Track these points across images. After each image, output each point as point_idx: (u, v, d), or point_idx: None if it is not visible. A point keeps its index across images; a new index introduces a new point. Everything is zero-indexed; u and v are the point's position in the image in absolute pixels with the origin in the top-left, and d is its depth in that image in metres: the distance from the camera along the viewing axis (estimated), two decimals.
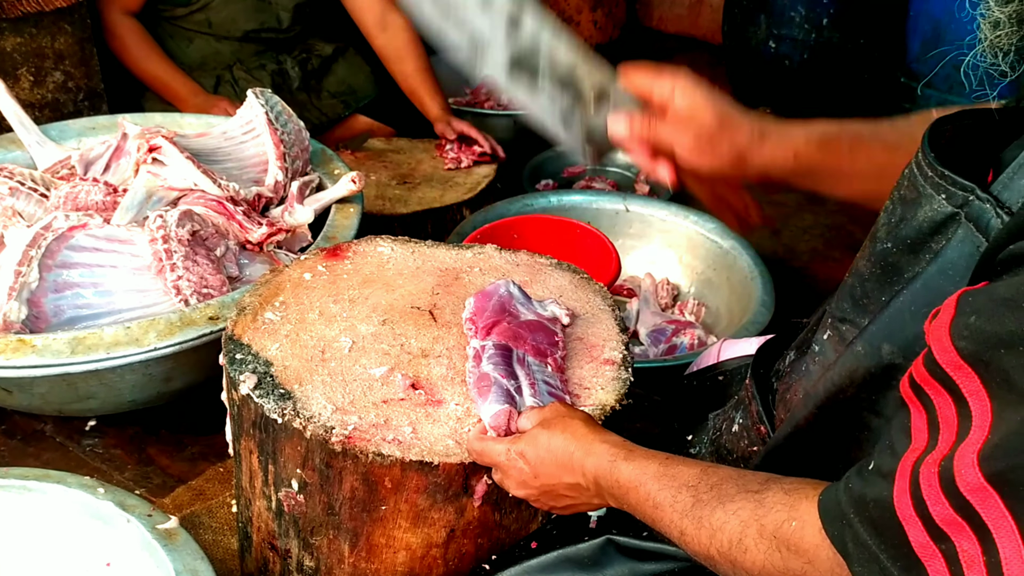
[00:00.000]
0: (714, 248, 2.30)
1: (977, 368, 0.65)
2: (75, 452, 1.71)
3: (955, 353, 0.66)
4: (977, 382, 0.65)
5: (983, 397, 0.64)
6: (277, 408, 1.12)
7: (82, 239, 1.61)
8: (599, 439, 1.01)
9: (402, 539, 1.13)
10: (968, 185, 0.82)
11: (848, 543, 0.72)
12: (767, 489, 0.83)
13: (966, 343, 0.66)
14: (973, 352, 0.65)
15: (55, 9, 2.32)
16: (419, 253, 1.47)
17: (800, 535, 0.77)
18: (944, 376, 0.67)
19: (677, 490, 0.90)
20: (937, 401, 0.68)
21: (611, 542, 1.07)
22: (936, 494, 0.65)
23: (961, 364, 0.66)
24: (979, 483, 0.62)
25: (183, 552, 1.17)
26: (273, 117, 1.91)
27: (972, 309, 0.67)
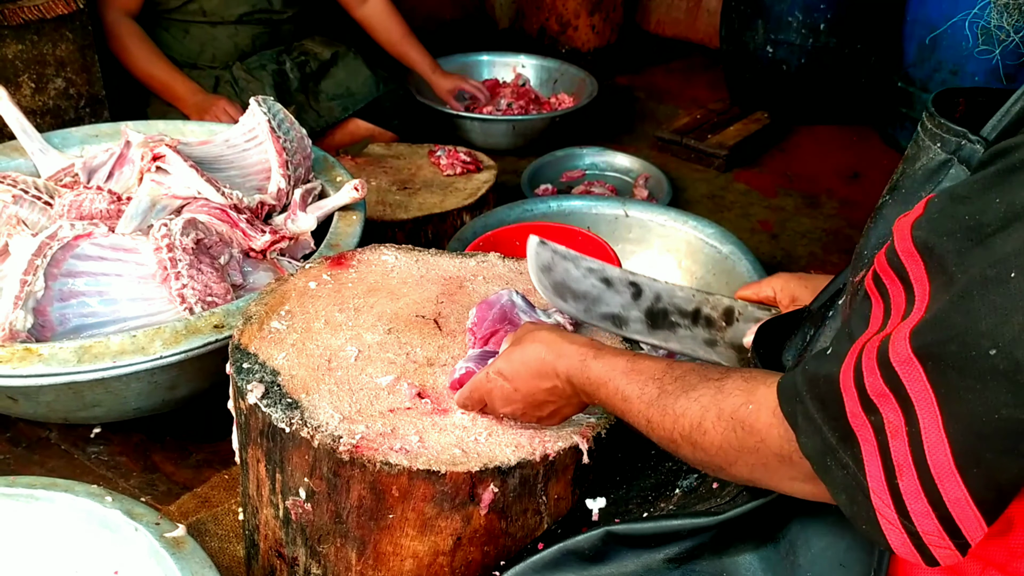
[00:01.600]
0: (713, 253, 2.31)
1: (923, 254, 0.70)
2: (80, 460, 1.72)
3: (910, 242, 0.72)
4: (921, 268, 0.70)
5: (924, 281, 0.70)
6: (285, 417, 1.13)
7: (87, 248, 1.62)
8: (567, 341, 1.06)
9: (409, 547, 1.14)
10: (960, 130, 0.87)
11: (798, 416, 0.78)
12: (727, 377, 0.89)
13: (920, 232, 0.71)
14: (923, 241, 0.71)
15: (56, 16, 2.33)
16: (423, 261, 1.48)
17: (756, 416, 0.83)
18: (898, 264, 0.73)
19: (644, 383, 0.96)
20: (891, 290, 0.74)
21: (610, 533, 1.08)
22: (872, 366, 0.70)
23: (912, 252, 0.71)
24: (907, 355, 0.67)
25: (191, 560, 1.18)
26: (275, 125, 1.92)
27: (935, 207, 0.72)
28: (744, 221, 2.96)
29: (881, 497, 0.71)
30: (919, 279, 0.70)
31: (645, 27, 4.75)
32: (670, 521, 1.04)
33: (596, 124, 3.51)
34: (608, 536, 1.08)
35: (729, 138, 3.34)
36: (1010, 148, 0.69)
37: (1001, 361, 0.63)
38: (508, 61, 3.71)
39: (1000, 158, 0.69)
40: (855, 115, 3.64)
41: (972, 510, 0.67)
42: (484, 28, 4.49)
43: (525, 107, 3.40)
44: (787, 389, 0.80)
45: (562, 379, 1.05)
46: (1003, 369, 0.63)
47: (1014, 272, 0.63)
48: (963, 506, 0.67)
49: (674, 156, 3.36)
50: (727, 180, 3.23)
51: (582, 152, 3.15)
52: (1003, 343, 0.63)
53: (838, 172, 3.33)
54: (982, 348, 0.64)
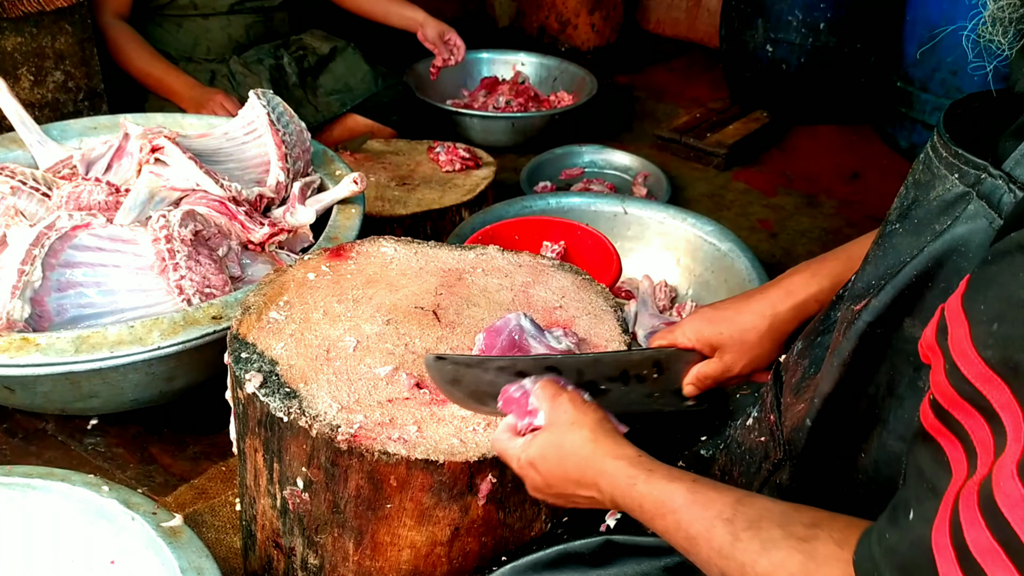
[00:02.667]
0: (712, 250, 2.31)
1: (1006, 376, 0.61)
2: (77, 451, 1.72)
3: (983, 364, 0.62)
4: (1007, 392, 0.61)
5: (1015, 407, 0.60)
6: (283, 407, 1.12)
7: (85, 239, 1.61)
8: (611, 455, 0.96)
9: (407, 537, 1.14)
10: (980, 163, 0.81)
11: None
12: (816, 539, 0.76)
13: (992, 352, 0.62)
14: (1001, 359, 0.61)
15: (56, 9, 2.33)
16: (422, 254, 1.48)
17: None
18: (973, 392, 0.63)
19: (711, 523, 0.84)
20: (968, 424, 0.64)
21: (610, 542, 1.08)
22: (974, 515, 0.59)
23: (990, 375, 0.62)
24: (1020, 495, 0.57)
25: (188, 550, 1.18)
26: (275, 118, 1.92)
27: (991, 316, 0.63)
28: (743, 220, 2.96)
29: None
30: (1006, 406, 0.60)
31: (645, 26, 4.75)
32: None
33: (595, 122, 3.51)
34: (608, 544, 1.07)
35: (728, 137, 3.34)
36: None
37: None
38: (508, 59, 3.71)
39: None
40: (855, 115, 3.64)
41: None
42: (484, 26, 4.50)
43: (524, 105, 3.40)
44: (864, 563, 0.70)
45: (605, 495, 0.96)
46: None
47: None
48: None
49: (673, 155, 3.36)
50: (726, 179, 3.23)
51: (581, 150, 3.15)
52: None
53: (837, 172, 3.33)
54: None
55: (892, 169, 3.32)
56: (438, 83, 3.51)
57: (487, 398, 1.11)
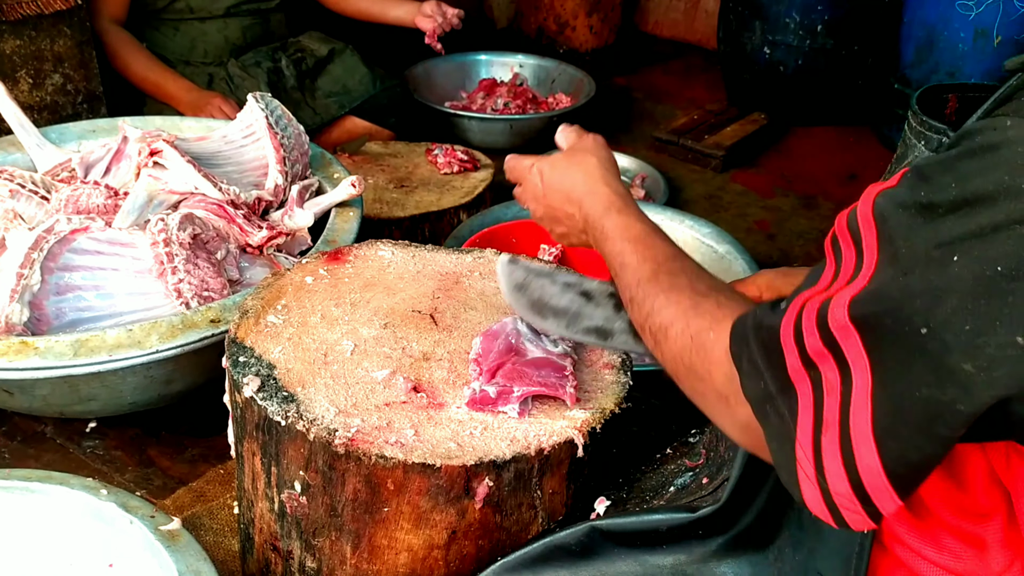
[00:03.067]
0: (709, 252, 2.32)
1: (879, 223, 0.71)
2: (76, 454, 1.72)
3: (871, 208, 0.72)
4: (874, 236, 0.70)
5: (874, 250, 0.70)
6: (280, 411, 1.13)
7: (84, 242, 1.62)
8: (604, 182, 1.11)
9: (404, 540, 1.15)
10: (941, 127, 0.88)
11: (744, 360, 0.79)
12: (707, 297, 0.91)
13: (882, 201, 0.72)
14: (881, 210, 0.71)
15: (54, 12, 2.33)
16: (419, 257, 1.48)
17: (713, 345, 0.85)
18: (856, 228, 0.73)
19: (643, 259, 0.99)
20: (845, 252, 0.74)
21: (594, 529, 1.08)
22: (811, 327, 0.71)
23: (870, 219, 0.71)
24: (844, 322, 0.68)
25: (186, 553, 1.18)
26: (273, 121, 1.92)
27: (904, 180, 0.72)
28: (741, 221, 2.96)
29: (804, 449, 0.72)
30: (870, 247, 0.71)
31: (643, 28, 4.76)
32: (651, 516, 1.05)
33: (594, 124, 3.47)
34: (592, 531, 1.08)
35: (726, 139, 3.35)
36: (973, 131, 0.69)
37: (930, 341, 0.64)
38: (506, 61, 3.71)
39: (963, 140, 0.69)
40: (852, 116, 3.65)
41: (883, 481, 0.67)
42: (482, 28, 4.50)
43: (523, 107, 3.40)
44: (737, 330, 0.82)
45: (581, 214, 1.10)
46: (930, 349, 0.64)
47: (956, 256, 0.64)
48: (875, 475, 0.68)
49: (671, 156, 3.37)
50: (724, 180, 3.24)
51: None
52: (934, 323, 0.63)
53: (835, 173, 3.33)
54: (914, 325, 0.64)
55: None
56: (436, 85, 3.52)
57: (547, 311, 1.18)
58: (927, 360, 0.64)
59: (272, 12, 2.86)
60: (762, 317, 0.79)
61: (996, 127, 0.67)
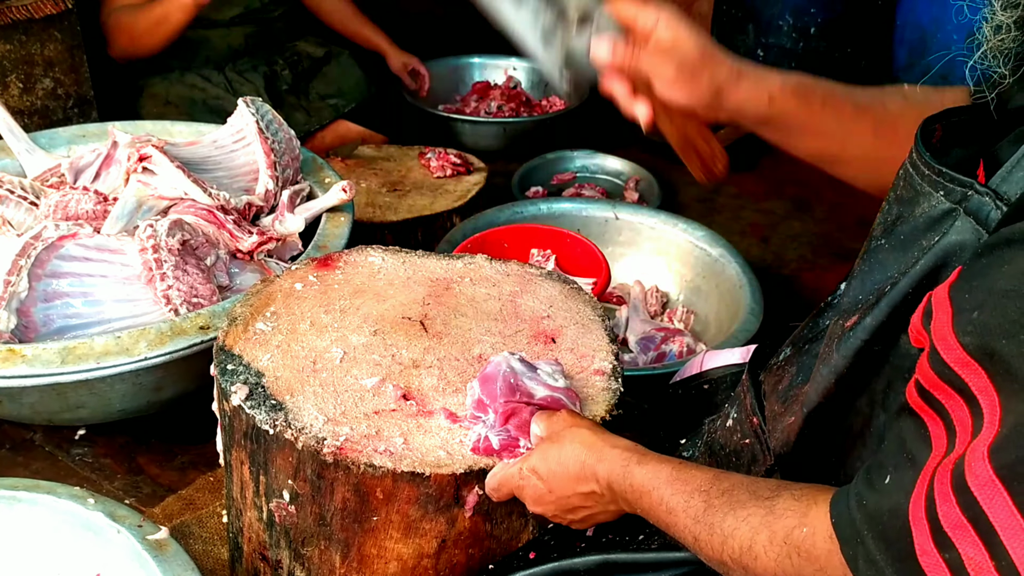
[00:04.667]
0: (703, 256, 2.31)
1: (983, 363, 0.64)
2: (64, 461, 1.71)
3: (961, 350, 0.66)
4: (984, 378, 0.64)
5: (991, 392, 0.63)
6: (268, 419, 1.12)
7: (72, 248, 1.61)
8: (609, 445, 1.01)
9: (393, 550, 1.14)
10: (966, 180, 0.83)
11: (860, 560, 0.71)
12: (778, 496, 0.83)
13: (971, 338, 0.65)
14: (978, 346, 0.64)
15: (45, 16, 2.32)
16: (410, 263, 1.47)
17: (812, 541, 0.77)
18: (953, 376, 0.66)
19: (689, 495, 0.90)
20: (949, 405, 0.67)
21: (608, 562, 1.07)
22: (946, 491, 0.63)
23: (968, 361, 0.65)
24: (988, 477, 0.60)
25: (174, 563, 1.17)
26: (264, 126, 1.91)
27: (973, 305, 0.66)
28: (734, 224, 2.96)
29: None
30: (983, 390, 0.64)
31: None
32: (671, 553, 1.03)
33: (587, 127, 3.50)
34: (605, 564, 1.07)
35: (719, 142, 3.34)
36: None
37: None
38: (500, 63, 3.70)
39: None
40: None
41: None
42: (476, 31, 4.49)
43: (516, 110, 3.40)
44: (844, 527, 0.74)
45: (602, 484, 1.00)
46: None
47: None
48: None
49: (665, 160, 3.36)
50: (717, 184, 3.23)
51: (573, 155, 3.15)
52: None
53: (828, 177, 3.30)
54: None
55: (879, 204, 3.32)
56: (430, 88, 3.50)
57: None
58: None
59: (275, 21, 2.85)
60: (877, 504, 0.71)
61: None
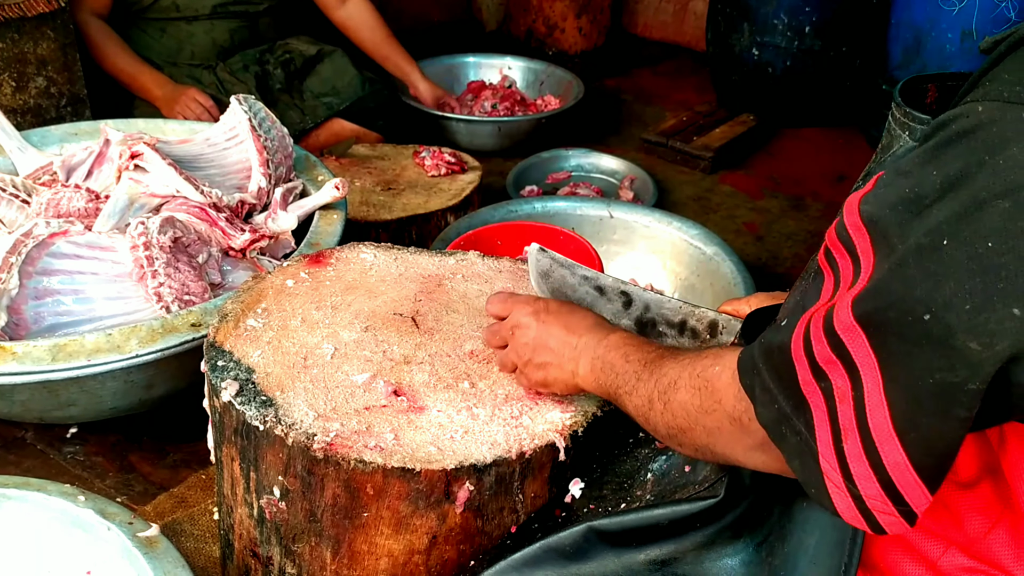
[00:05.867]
0: (697, 254, 2.31)
1: (869, 227, 0.72)
2: (56, 460, 1.70)
3: (857, 216, 0.73)
4: (867, 240, 0.72)
5: (869, 253, 0.71)
6: (259, 415, 1.12)
7: (63, 246, 1.60)
8: (610, 325, 1.12)
9: (384, 546, 1.13)
10: (924, 117, 0.89)
11: (756, 388, 0.80)
12: (709, 348, 0.98)
13: (867, 207, 0.73)
14: (869, 214, 0.72)
15: (37, 15, 2.32)
16: (402, 260, 1.47)
17: (718, 376, 0.87)
18: (847, 237, 0.74)
19: (649, 350, 1.02)
20: (840, 262, 0.75)
21: (592, 529, 1.07)
22: (819, 334, 0.72)
23: (859, 225, 0.73)
24: (850, 323, 0.69)
25: (164, 560, 1.17)
26: (256, 124, 1.91)
27: (883, 182, 0.74)
28: (729, 223, 2.96)
29: (828, 461, 0.72)
30: (865, 251, 0.72)
31: (632, 30, 4.75)
32: (652, 511, 1.03)
33: (582, 126, 3.50)
34: (590, 532, 1.06)
35: (715, 140, 3.34)
36: (947, 120, 0.70)
37: (934, 326, 0.65)
38: (495, 63, 3.70)
39: (939, 130, 0.71)
40: (840, 118, 3.65)
41: (912, 475, 0.68)
42: (471, 30, 4.49)
43: (511, 108, 3.40)
44: (745, 361, 0.83)
45: (581, 340, 1.09)
46: (936, 333, 0.65)
47: (946, 240, 0.65)
48: (903, 471, 0.68)
49: (660, 158, 3.36)
50: (713, 182, 3.23)
51: (568, 154, 3.15)
52: (936, 308, 0.65)
53: (823, 174, 3.33)
54: (917, 313, 0.66)
55: None
56: None
57: (563, 299, 1.27)
58: (934, 345, 0.65)
59: (260, 16, 2.84)
60: (770, 340, 0.80)
61: (968, 113, 0.68)
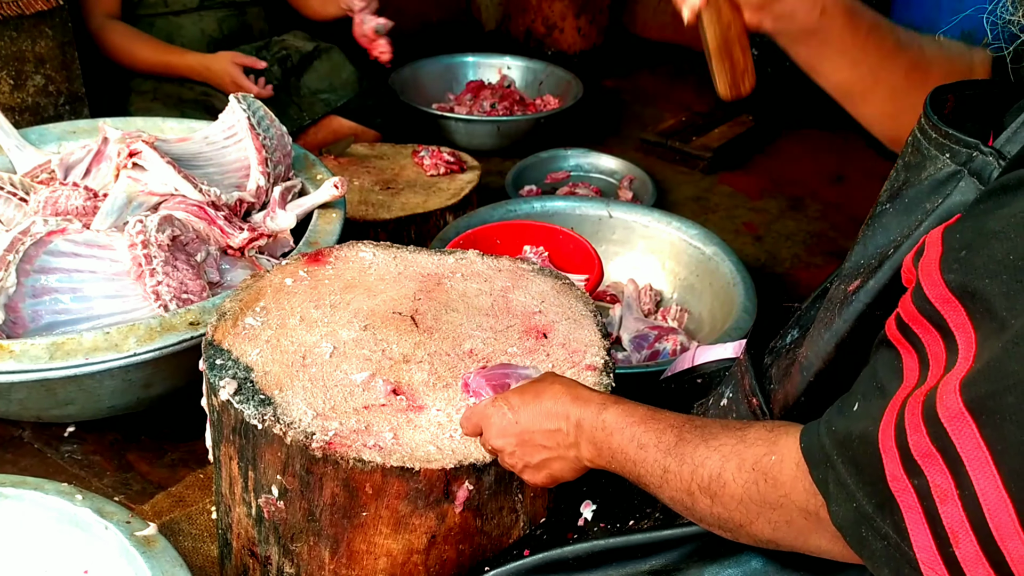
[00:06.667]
0: (696, 254, 2.31)
1: (963, 300, 0.65)
2: (54, 459, 1.70)
3: (944, 287, 0.66)
4: (963, 314, 0.65)
5: (968, 329, 0.64)
6: (257, 414, 1.11)
7: (61, 244, 1.59)
8: (588, 390, 1.03)
9: (383, 545, 1.13)
10: (971, 142, 0.84)
11: (830, 484, 0.72)
12: (749, 427, 0.84)
13: (954, 275, 0.66)
14: (960, 284, 0.65)
15: (36, 12, 2.31)
16: (401, 258, 1.46)
17: (779, 468, 0.79)
18: (932, 312, 0.67)
19: (662, 431, 0.91)
20: (926, 339, 0.68)
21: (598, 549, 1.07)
22: (917, 422, 0.64)
23: (949, 297, 0.66)
24: (958, 410, 0.62)
25: (161, 559, 1.17)
26: (255, 122, 1.90)
27: (961, 244, 0.67)
28: (728, 223, 2.96)
29: (934, 568, 0.64)
30: (961, 326, 0.65)
31: (631, 30, 4.75)
32: (660, 532, 1.03)
33: (581, 126, 3.50)
34: (594, 551, 1.06)
35: (714, 140, 3.34)
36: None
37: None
38: (493, 62, 3.70)
39: None
40: (839, 119, 3.60)
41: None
42: (470, 30, 4.48)
43: (510, 108, 3.39)
44: (814, 452, 0.75)
45: (571, 423, 1.00)
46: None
47: None
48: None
49: (659, 158, 3.36)
50: (712, 182, 3.23)
51: (567, 154, 3.14)
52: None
53: (822, 175, 3.33)
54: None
55: (876, 172, 3.32)
56: (423, 87, 3.50)
57: None
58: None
59: (249, 5, 2.83)
60: (846, 428, 0.72)
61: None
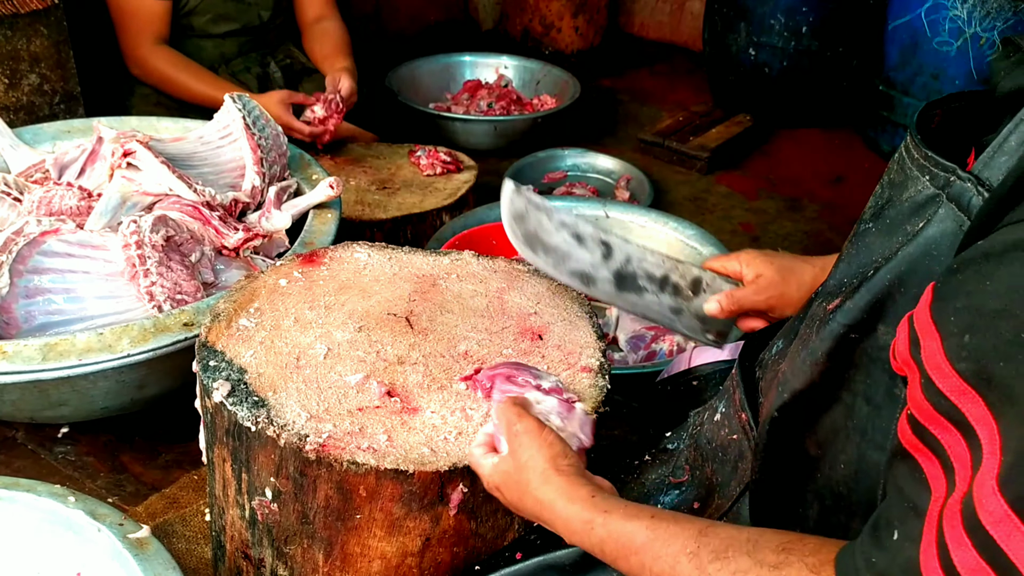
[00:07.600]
0: (694, 254, 2.30)
1: (980, 388, 0.60)
2: (47, 460, 1.69)
3: (957, 377, 0.62)
4: (982, 405, 0.60)
5: (989, 421, 0.59)
6: (250, 416, 1.10)
7: (54, 244, 1.59)
8: (565, 496, 0.94)
9: (377, 548, 1.12)
10: (949, 166, 0.82)
11: None
12: (787, 564, 0.74)
13: (966, 364, 0.62)
14: (975, 372, 0.61)
15: (31, 11, 2.30)
16: (396, 259, 1.46)
17: None
18: (949, 407, 0.63)
19: (675, 559, 0.81)
20: (946, 440, 0.64)
21: None
22: (959, 535, 0.59)
23: (965, 388, 0.61)
24: (1003, 512, 0.56)
25: (154, 561, 1.16)
26: (250, 122, 1.90)
27: (961, 327, 0.63)
28: (725, 223, 2.96)
29: None
30: (981, 419, 0.60)
31: (628, 30, 4.75)
32: None
33: (578, 126, 3.50)
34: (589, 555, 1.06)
35: (711, 140, 3.34)
36: None
37: None
38: (491, 62, 3.69)
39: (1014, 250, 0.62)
40: (837, 118, 3.65)
41: None
42: (468, 30, 4.48)
43: (507, 108, 3.39)
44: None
45: (563, 536, 0.95)
46: None
47: None
48: None
49: (656, 158, 3.36)
50: (709, 182, 3.23)
51: (564, 153, 3.14)
52: None
53: (820, 175, 3.33)
54: None
55: (874, 173, 3.32)
56: (420, 86, 3.50)
57: (538, 245, 1.19)
58: None
59: (269, 31, 2.84)
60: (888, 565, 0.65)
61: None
